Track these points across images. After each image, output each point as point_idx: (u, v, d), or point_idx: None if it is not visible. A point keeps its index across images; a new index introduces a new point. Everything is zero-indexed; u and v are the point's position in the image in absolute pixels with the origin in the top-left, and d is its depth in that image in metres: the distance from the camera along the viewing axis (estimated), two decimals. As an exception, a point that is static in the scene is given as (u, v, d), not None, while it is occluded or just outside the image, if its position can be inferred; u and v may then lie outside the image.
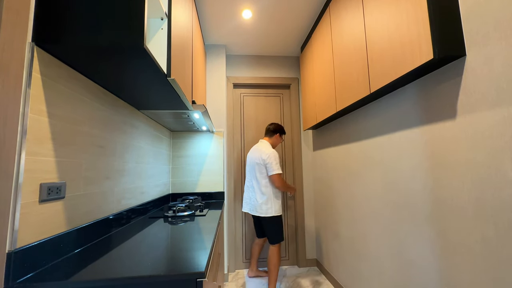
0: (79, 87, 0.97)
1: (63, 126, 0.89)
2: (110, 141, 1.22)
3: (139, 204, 1.56)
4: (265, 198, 2.02)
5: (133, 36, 0.77)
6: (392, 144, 1.33)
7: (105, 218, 1.14)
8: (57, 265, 0.79)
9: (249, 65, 2.84)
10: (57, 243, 0.84)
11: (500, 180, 0.79)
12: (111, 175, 1.22)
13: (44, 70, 0.80)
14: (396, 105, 1.30)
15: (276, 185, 2.01)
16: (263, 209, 2.01)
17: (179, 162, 2.43)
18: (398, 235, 1.30)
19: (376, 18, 1.23)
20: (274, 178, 1.98)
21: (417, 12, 0.95)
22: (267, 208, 2.01)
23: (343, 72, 1.62)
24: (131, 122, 1.47)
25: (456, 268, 0.96)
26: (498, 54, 0.79)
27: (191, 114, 1.70)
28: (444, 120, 1.01)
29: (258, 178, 2.06)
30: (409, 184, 1.21)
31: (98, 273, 0.74)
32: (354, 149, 1.77)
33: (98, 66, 0.93)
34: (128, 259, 0.87)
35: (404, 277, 1.26)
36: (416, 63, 0.96)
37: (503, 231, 0.78)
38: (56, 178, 0.85)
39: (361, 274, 1.70)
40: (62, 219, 0.88)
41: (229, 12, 2.09)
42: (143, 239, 1.10)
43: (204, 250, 0.93)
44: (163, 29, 1.07)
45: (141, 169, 1.63)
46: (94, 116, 1.08)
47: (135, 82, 1.09)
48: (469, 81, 0.90)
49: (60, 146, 0.87)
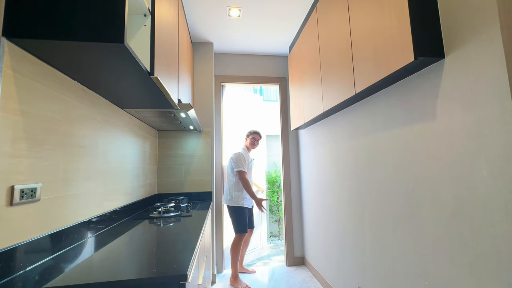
0: (55, 84, 0.93)
1: (39, 125, 0.85)
2: (91, 140, 1.18)
3: (123, 206, 1.52)
4: (228, 190, 2.42)
5: (113, 32, 0.75)
6: (378, 144, 1.36)
7: (85, 220, 1.10)
8: (30, 272, 0.76)
9: (238, 63, 2.82)
10: (32, 248, 0.80)
11: (475, 179, 0.82)
12: (92, 176, 1.18)
13: (17, 66, 0.76)
14: (381, 105, 1.33)
15: (239, 180, 2.37)
16: (227, 199, 2.41)
17: (166, 162, 2.38)
18: (381, 232, 1.33)
19: (361, 21, 1.25)
20: (237, 174, 2.37)
21: (399, 16, 0.98)
22: (229, 198, 2.39)
23: (329, 72, 1.64)
24: (114, 121, 1.43)
25: (436, 264, 0.99)
26: (474, 58, 0.82)
27: (177, 113, 1.67)
28: (424, 121, 1.04)
29: (228, 173, 2.47)
30: (391, 183, 1.24)
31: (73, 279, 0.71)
32: (341, 148, 1.80)
33: (76, 63, 0.89)
34: (109, 263, 0.84)
35: (386, 272, 1.29)
36: (398, 65, 0.99)
37: (478, 227, 0.82)
38: (30, 180, 0.81)
39: (346, 270, 1.73)
40: (38, 223, 0.84)
41: (216, 10, 2.07)
42: (126, 242, 1.07)
43: (188, 251, 0.91)
44: (146, 25, 1.04)
45: (125, 170, 1.59)
46: (73, 115, 1.03)
47: (116, 80, 1.06)
48: (447, 83, 0.93)
49: (35, 146, 0.83)
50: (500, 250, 0.75)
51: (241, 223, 2.34)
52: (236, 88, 2.91)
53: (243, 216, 2.37)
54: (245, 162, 2.40)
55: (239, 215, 2.36)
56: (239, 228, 2.34)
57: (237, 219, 2.35)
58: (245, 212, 2.39)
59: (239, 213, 2.36)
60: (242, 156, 2.40)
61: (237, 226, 2.35)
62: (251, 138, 2.53)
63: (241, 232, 2.33)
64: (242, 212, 2.37)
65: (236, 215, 2.36)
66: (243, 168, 2.35)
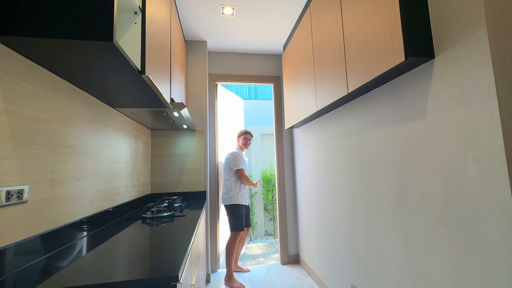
0: (43, 82, 0.91)
1: (25, 125, 0.83)
2: (81, 140, 1.16)
3: (115, 206, 1.50)
4: (226, 189, 2.42)
5: (101, 30, 0.73)
6: (370, 143, 1.37)
7: (75, 222, 1.08)
8: (18, 274, 0.74)
9: (232, 62, 2.81)
10: (19, 250, 0.78)
11: (463, 177, 0.84)
12: (82, 176, 1.16)
13: (1, 64, 0.74)
14: (373, 104, 1.34)
15: (239, 178, 2.41)
16: (224, 199, 2.41)
17: (159, 162, 2.36)
18: (373, 229, 1.34)
19: (354, 21, 1.26)
20: (236, 173, 2.40)
21: (390, 16, 0.98)
22: (227, 197, 2.39)
23: (322, 71, 1.64)
24: (105, 121, 1.40)
25: (425, 261, 1.01)
26: (462, 59, 0.84)
27: (170, 112, 1.65)
28: (415, 120, 1.05)
29: (223, 174, 2.48)
30: (383, 181, 1.26)
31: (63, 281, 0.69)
32: (334, 147, 1.81)
33: (64, 61, 0.87)
34: (100, 264, 0.83)
35: (378, 269, 1.31)
36: (390, 65, 1.00)
37: (466, 224, 0.83)
38: (17, 181, 0.79)
39: (339, 268, 1.74)
40: (25, 225, 0.82)
41: (209, 8, 2.05)
42: (118, 243, 1.05)
43: (180, 252, 0.90)
44: (136, 23, 1.02)
45: (117, 169, 1.56)
46: (61, 114, 1.01)
47: (106, 79, 1.04)
48: (437, 83, 0.94)
49: (22, 147, 0.81)
50: (487, 246, 0.77)
51: (237, 221, 2.34)
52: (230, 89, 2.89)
53: (240, 214, 2.37)
54: (241, 160, 2.44)
55: (236, 213, 2.37)
56: (235, 226, 2.34)
57: (233, 217, 2.35)
58: (241, 210, 2.40)
59: (236, 211, 2.37)
60: (238, 155, 2.44)
61: (233, 223, 2.35)
62: (243, 139, 2.57)
63: (237, 230, 2.33)
64: (239, 210, 2.38)
65: (233, 212, 2.36)
66: (240, 166, 2.40)
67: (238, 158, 2.42)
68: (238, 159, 2.42)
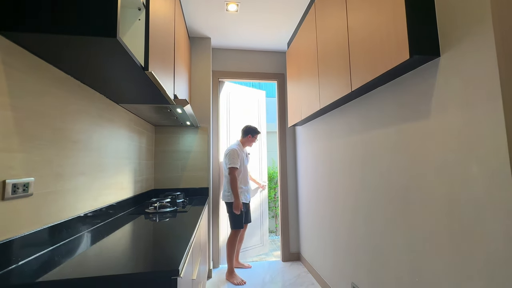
0: (48, 78, 0.92)
1: (31, 120, 0.84)
2: (85, 135, 1.17)
3: (118, 201, 1.52)
4: (226, 186, 2.39)
5: (105, 26, 0.74)
6: (373, 142, 1.37)
7: (80, 215, 1.10)
8: (23, 266, 0.76)
9: (236, 59, 2.80)
10: (24, 242, 0.80)
11: (467, 178, 0.83)
12: (86, 171, 1.18)
13: (6, 59, 0.75)
14: (376, 103, 1.33)
15: (229, 175, 2.35)
16: (226, 196, 2.39)
17: (163, 157, 2.38)
18: (374, 228, 1.34)
19: (358, 18, 1.24)
20: (229, 170, 2.35)
21: (395, 14, 0.97)
22: (228, 195, 2.36)
23: (326, 69, 1.63)
24: (109, 117, 1.42)
25: (426, 260, 1.01)
26: (468, 58, 0.82)
27: (173, 108, 1.66)
28: (418, 119, 1.04)
29: (224, 169, 2.45)
30: (385, 180, 1.25)
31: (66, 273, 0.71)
32: (336, 145, 1.80)
33: (69, 57, 0.88)
34: (102, 257, 0.84)
35: (379, 268, 1.31)
36: (394, 63, 0.98)
37: (468, 225, 0.83)
38: (23, 175, 0.81)
39: (339, 266, 1.75)
40: (31, 217, 0.84)
41: (214, 5, 2.04)
42: (121, 237, 1.07)
43: (182, 247, 0.92)
44: (140, 20, 1.03)
45: (121, 164, 1.58)
46: (67, 110, 1.03)
47: (110, 75, 1.05)
48: (441, 82, 0.92)
49: (28, 141, 0.83)
50: (489, 248, 0.76)
51: (237, 219, 2.35)
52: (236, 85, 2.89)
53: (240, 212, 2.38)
54: (238, 158, 2.39)
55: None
56: (235, 224, 2.36)
57: (233, 214, 2.36)
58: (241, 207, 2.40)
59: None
60: (236, 152, 2.39)
61: (234, 221, 2.36)
62: (253, 136, 2.53)
63: (237, 228, 2.35)
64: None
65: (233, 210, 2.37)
66: (235, 164, 2.34)
67: (235, 155, 2.37)
68: (235, 157, 2.36)
